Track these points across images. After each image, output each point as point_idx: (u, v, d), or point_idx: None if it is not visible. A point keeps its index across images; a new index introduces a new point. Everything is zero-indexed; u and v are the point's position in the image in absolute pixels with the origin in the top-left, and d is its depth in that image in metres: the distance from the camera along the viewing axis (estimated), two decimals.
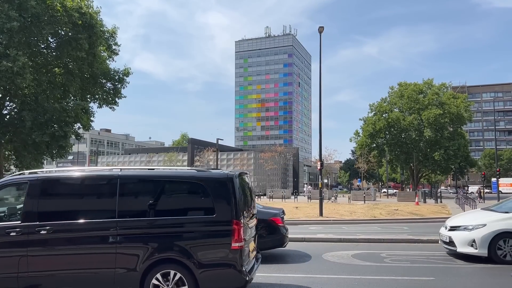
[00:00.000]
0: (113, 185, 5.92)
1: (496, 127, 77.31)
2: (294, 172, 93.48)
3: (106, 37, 25.16)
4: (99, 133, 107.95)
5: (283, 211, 10.41)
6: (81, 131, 26.69)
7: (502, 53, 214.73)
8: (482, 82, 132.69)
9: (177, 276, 5.56)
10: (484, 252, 9.10)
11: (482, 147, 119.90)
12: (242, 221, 5.71)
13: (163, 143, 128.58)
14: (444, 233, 10.18)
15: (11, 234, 5.73)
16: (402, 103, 58.74)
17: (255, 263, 6.48)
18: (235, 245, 5.56)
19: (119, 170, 6.25)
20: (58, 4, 21.33)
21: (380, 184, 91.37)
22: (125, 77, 26.59)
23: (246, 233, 5.89)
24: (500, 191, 49.71)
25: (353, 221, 19.70)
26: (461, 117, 56.19)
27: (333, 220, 19.59)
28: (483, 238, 9.10)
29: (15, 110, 23.74)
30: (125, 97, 27.20)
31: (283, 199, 41.91)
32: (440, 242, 10.60)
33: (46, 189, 6.02)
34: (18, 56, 19.48)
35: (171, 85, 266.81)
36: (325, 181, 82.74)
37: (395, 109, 59.42)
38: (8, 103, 24.15)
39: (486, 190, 64.39)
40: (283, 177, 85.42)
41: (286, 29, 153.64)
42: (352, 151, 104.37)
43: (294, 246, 11.42)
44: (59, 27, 22.08)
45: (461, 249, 9.51)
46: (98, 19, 23.63)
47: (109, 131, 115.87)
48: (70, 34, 22.15)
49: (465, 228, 9.63)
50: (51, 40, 23.73)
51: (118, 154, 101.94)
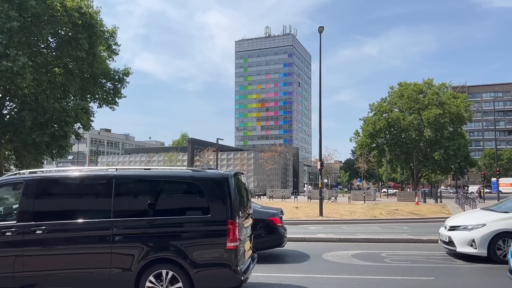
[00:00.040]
0: (109, 185, 5.92)
1: (496, 127, 77.31)
2: (294, 172, 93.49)
3: (106, 37, 25.18)
4: (99, 133, 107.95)
5: (281, 211, 10.41)
6: (81, 131, 26.70)
7: (502, 53, 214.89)
8: (482, 82, 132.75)
9: (172, 276, 5.58)
10: (483, 252, 9.10)
11: (482, 147, 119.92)
12: (237, 221, 5.71)
13: (163, 143, 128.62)
14: (444, 233, 10.18)
15: (6, 234, 5.74)
16: (402, 103, 58.76)
17: (250, 262, 6.48)
18: (230, 245, 5.57)
19: (115, 170, 6.26)
20: (58, 4, 21.34)
21: (380, 184, 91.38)
22: (125, 77, 26.61)
23: (241, 233, 5.90)
24: (500, 191, 49.74)
25: (353, 221, 19.70)
26: (461, 117, 56.21)
27: (333, 220, 19.60)
28: (482, 238, 9.10)
29: (15, 110, 23.76)
30: (125, 97, 27.25)
31: (283, 199, 41.91)
32: (439, 242, 10.60)
33: (42, 189, 6.04)
34: (18, 56, 19.49)
35: (171, 85, 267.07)
36: (325, 181, 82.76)
37: (395, 109, 59.45)
38: (8, 103, 24.17)
39: (486, 190, 64.42)
40: (283, 177, 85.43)
41: (286, 29, 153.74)
42: (352, 151, 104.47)
43: (294, 246, 11.42)
44: (59, 27, 22.09)
45: (460, 249, 9.50)
46: (98, 19, 23.65)
47: (109, 131, 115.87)
48: (70, 34, 22.16)
49: (465, 228, 9.63)
50: (51, 40, 23.74)
51: (118, 154, 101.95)
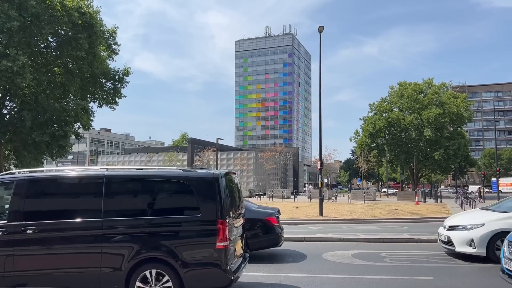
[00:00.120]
0: (99, 184, 5.94)
1: (496, 127, 77.25)
2: (294, 171, 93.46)
3: (106, 36, 25.16)
4: (99, 132, 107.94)
5: (278, 211, 10.41)
6: (81, 130, 26.68)
7: (502, 52, 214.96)
8: (482, 82, 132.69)
9: (162, 276, 5.61)
10: (482, 252, 9.10)
11: (482, 147, 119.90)
12: (227, 220, 5.72)
13: (163, 142, 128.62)
14: (443, 232, 10.18)
15: None
16: (402, 102, 58.75)
17: (242, 262, 6.50)
18: (220, 244, 5.59)
19: (105, 169, 6.31)
20: (58, 3, 21.33)
21: (380, 183, 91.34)
22: (125, 77, 26.59)
23: (231, 232, 5.91)
24: (500, 190, 49.73)
25: (353, 220, 19.72)
26: (461, 116, 56.20)
27: (333, 220, 19.61)
28: (481, 237, 9.10)
29: (15, 109, 23.74)
30: (125, 96, 27.22)
31: (283, 199, 41.92)
32: (438, 241, 10.60)
33: (33, 189, 6.06)
34: (18, 55, 19.48)
35: (171, 84, 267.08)
36: (325, 180, 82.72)
37: (395, 109, 59.44)
38: (8, 102, 24.16)
39: (486, 190, 64.43)
40: (283, 177, 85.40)
41: (286, 29, 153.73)
42: (352, 150, 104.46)
43: (294, 246, 11.43)
44: (59, 27, 22.07)
45: (459, 248, 9.51)
46: (98, 18, 23.62)
47: (109, 130, 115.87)
48: (70, 33, 22.15)
49: (464, 228, 9.63)
50: (51, 40, 23.72)
51: (118, 154, 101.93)
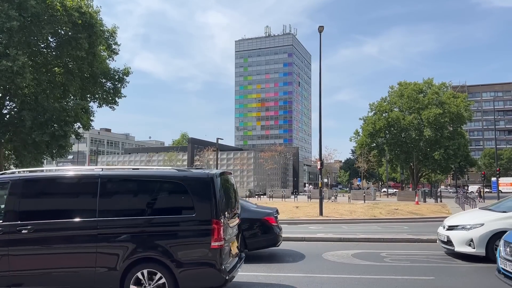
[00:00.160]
0: (94, 184, 5.96)
1: (496, 127, 77.26)
2: (294, 171, 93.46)
3: (106, 36, 25.13)
4: (99, 132, 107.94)
5: (276, 211, 10.42)
6: (81, 130, 26.66)
7: (502, 52, 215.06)
8: (482, 82, 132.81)
9: (156, 275, 5.62)
10: (481, 252, 9.10)
11: (482, 147, 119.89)
12: (222, 220, 5.73)
13: (163, 142, 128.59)
14: (442, 232, 10.18)
15: None
16: (402, 102, 58.72)
17: (237, 262, 6.50)
18: (214, 244, 5.60)
19: (101, 169, 6.32)
20: (58, 3, 21.31)
21: (380, 183, 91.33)
22: (125, 77, 26.56)
23: (226, 232, 5.92)
24: (500, 190, 49.75)
25: (353, 220, 19.71)
26: (461, 116, 56.17)
27: (333, 220, 19.60)
28: (480, 237, 9.10)
29: (15, 109, 23.73)
30: (125, 96, 27.20)
31: (283, 199, 41.92)
32: (438, 241, 10.60)
33: (28, 189, 6.08)
34: (18, 55, 19.46)
35: (171, 84, 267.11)
36: (325, 180, 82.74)
37: (395, 109, 59.40)
38: (8, 102, 24.13)
39: (486, 190, 64.43)
40: (283, 177, 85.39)
41: (286, 29, 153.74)
42: (352, 150, 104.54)
43: (294, 246, 11.44)
44: (59, 27, 22.06)
45: (459, 248, 9.51)
46: (98, 18, 23.60)
47: (109, 130, 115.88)
48: (70, 33, 22.13)
49: (463, 228, 9.63)
50: (51, 40, 23.70)
51: (118, 154, 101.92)
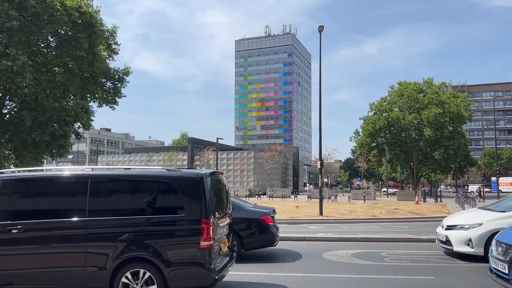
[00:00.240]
0: (84, 184, 5.99)
1: (496, 126, 77.31)
2: (294, 171, 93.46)
3: (106, 36, 25.14)
4: (99, 132, 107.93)
5: (273, 210, 10.44)
6: (81, 130, 26.67)
7: (502, 52, 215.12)
8: (482, 81, 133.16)
9: (146, 275, 5.64)
10: (480, 251, 9.09)
11: (482, 146, 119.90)
12: (211, 220, 5.75)
13: (163, 142, 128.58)
14: (441, 232, 10.18)
15: None
16: (402, 102, 58.71)
17: (228, 261, 6.52)
18: (204, 244, 5.61)
19: (91, 169, 6.37)
20: (57, 3, 21.31)
21: (380, 183, 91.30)
22: (125, 76, 26.58)
23: (216, 232, 5.93)
24: (500, 190, 49.76)
25: (353, 220, 19.71)
26: (461, 116, 56.15)
27: (333, 219, 19.60)
28: (479, 237, 9.09)
29: (15, 109, 23.73)
30: (125, 96, 27.22)
31: (283, 198, 41.92)
32: (437, 241, 10.60)
33: (18, 189, 6.12)
34: (18, 55, 19.47)
35: (171, 84, 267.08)
36: (325, 180, 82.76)
37: (395, 108, 59.39)
38: (8, 102, 24.13)
39: (486, 189, 64.43)
40: (283, 176, 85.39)
41: (286, 28, 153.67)
42: (352, 150, 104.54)
43: (294, 245, 11.44)
44: (59, 26, 22.06)
45: (457, 248, 9.51)
46: (98, 18, 23.61)
47: (109, 130, 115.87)
48: (70, 33, 22.13)
49: (462, 227, 9.63)
50: (51, 39, 23.70)
51: (118, 154, 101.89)
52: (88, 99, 26.41)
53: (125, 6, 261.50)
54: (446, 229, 10.05)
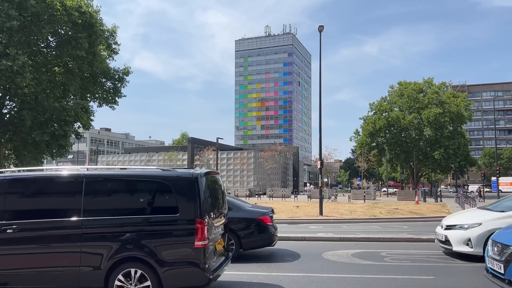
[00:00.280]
0: (79, 184, 6.01)
1: (496, 126, 77.24)
2: (294, 171, 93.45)
3: (106, 36, 25.15)
4: (99, 132, 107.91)
5: (272, 210, 10.46)
6: (81, 130, 26.68)
7: (502, 52, 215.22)
8: (482, 81, 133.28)
9: (140, 274, 5.66)
10: (479, 251, 9.08)
11: (482, 146, 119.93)
12: (206, 220, 5.76)
13: (163, 142, 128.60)
14: (440, 232, 10.18)
15: None
16: (402, 102, 58.70)
17: (223, 261, 6.53)
18: (198, 243, 5.63)
19: (86, 169, 6.42)
20: (57, 3, 21.31)
21: (380, 183, 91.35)
22: (125, 76, 26.59)
23: (211, 232, 5.94)
24: (500, 190, 49.77)
25: (353, 220, 19.70)
26: (461, 116, 56.14)
27: (333, 219, 19.59)
28: (478, 237, 9.09)
29: (15, 109, 23.74)
30: (125, 96, 27.23)
31: (283, 198, 41.92)
32: (436, 241, 10.60)
33: (13, 189, 6.15)
34: (18, 55, 19.47)
35: (171, 84, 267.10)
36: (325, 180, 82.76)
37: (395, 108, 59.38)
38: (8, 102, 24.14)
39: (486, 189, 64.46)
40: (283, 176, 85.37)
41: (286, 28, 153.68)
42: (352, 150, 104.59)
43: (294, 245, 11.44)
44: (59, 26, 22.06)
45: (456, 248, 9.51)
46: (98, 18, 23.61)
47: (109, 130, 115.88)
48: (70, 33, 22.14)
49: (461, 227, 9.63)
50: (51, 39, 23.70)
51: (118, 153, 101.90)
52: (88, 99, 26.42)
53: (125, 6, 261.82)
54: (446, 229, 10.05)
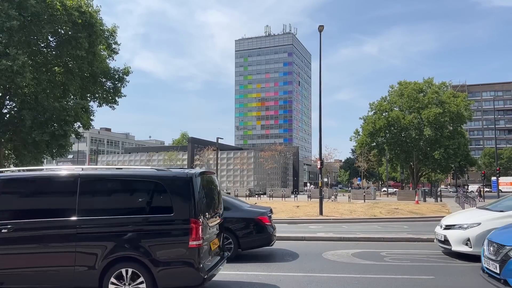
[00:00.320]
0: (74, 184, 6.02)
1: (496, 126, 77.23)
2: (294, 171, 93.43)
3: (106, 36, 25.15)
4: (99, 132, 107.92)
5: (270, 210, 10.45)
6: (81, 130, 26.68)
7: (502, 52, 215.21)
8: (482, 81, 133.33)
9: (135, 274, 5.67)
10: (478, 251, 9.02)
11: (482, 146, 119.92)
12: (201, 220, 5.77)
13: (163, 142, 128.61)
14: (439, 231, 10.18)
15: None
16: (402, 102, 58.68)
17: (219, 260, 6.54)
18: (192, 243, 5.64)
19: (81, 169, 6.41)
20: (57, 3, 21.32)
21: (380, 183, 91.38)
22: (125, 76, 26.60)
23: (205, 232, 5.95)
24: (500, 190, 49.75)
25: (353, 220, 19.71)
26: (461, 116, 56.13)
27: (333, 219, 19.59)
28: (477, 237, 9.07)
29: (15, 109, 23.74)
30: (125, 96, 27.24)
31: (283, 198, 41.93)
32: (435, 241, 10.60)
33: (8, 189, 6.16)
34: (18, 55, 19.47)
35: (171, 84, 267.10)
36: (325, 180, 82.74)
37: (395, 108, 59.36)
38: (8, 102, 24.14)
39: (486, 189, 64.47)
40: (283, 176, 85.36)
41: (286, 28, 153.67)
42: (352, 150, 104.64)
43: (294, 245, 11.44)
44: (59, 26, 22.07)
45: (456, 247, 9.51)
46: (98, 18, 23.61)
47: (109, 130, 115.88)
48: (70, 33, 22.14)
49: (460, 227, 9.63)
50: (51, 39, 23.70)
51: (118, 153, 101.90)
52: (88, 98, 26.42)
53: (125, 6, 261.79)
54: (445, 228, 10.05)
